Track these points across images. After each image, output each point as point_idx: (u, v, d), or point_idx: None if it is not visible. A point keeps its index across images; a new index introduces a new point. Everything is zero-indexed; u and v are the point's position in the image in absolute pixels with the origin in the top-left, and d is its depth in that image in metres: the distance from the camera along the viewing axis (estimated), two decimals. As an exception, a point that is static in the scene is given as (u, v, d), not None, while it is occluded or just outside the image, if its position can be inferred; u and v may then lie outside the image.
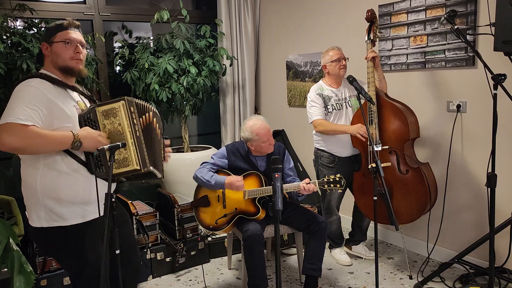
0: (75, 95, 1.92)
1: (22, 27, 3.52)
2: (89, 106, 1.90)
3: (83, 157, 1.84)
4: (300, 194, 2.77)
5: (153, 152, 1.95)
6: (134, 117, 1.85)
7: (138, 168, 1.83)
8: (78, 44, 1.89)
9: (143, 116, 1.93)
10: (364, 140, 2.95)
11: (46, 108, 1.72)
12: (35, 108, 1.69)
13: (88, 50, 1.99)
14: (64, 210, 1.80)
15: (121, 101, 1.83)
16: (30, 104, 1.69)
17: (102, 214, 1.73)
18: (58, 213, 1.80)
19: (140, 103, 1.94)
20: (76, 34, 1.90)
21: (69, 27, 1.89)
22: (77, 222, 1.83)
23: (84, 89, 2.03)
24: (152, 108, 2.00)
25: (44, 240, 1.87)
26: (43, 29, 3.53)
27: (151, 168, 1.88)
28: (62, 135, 1.74)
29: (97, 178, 1.78)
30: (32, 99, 1.70)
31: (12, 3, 3.43)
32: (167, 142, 2.13)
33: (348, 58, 3.15)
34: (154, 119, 1.99)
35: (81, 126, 1.83)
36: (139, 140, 1.85)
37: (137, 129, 1.85)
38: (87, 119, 1.84)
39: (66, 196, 1.80)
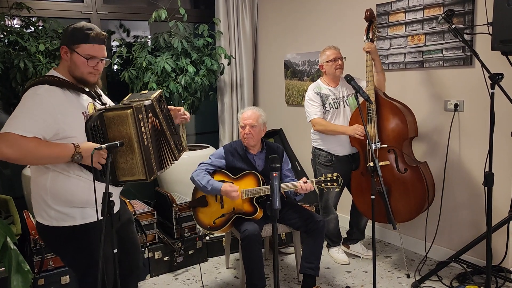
0: (85, 98, 1.89)
1: (19, 26, 3.51)
2: (97, 111, 1.86)
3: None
4: (298, 194, 2.77)
5: (162, 152, 1.94)
6: (142, 125, 1.81)
7: (144, 178, 1.83)
8: (99, 61, 1.83)
9: (150, 115, 1.87)
10: (362, 138, 2.95)
11: (52, 118, 1.70)
12: (38, 119, 1.67)
13: (109, 60, 1.94)
14: (73, 210, 1.82)
15: (129, 109, 1.79)
16: (34, 114, 1.67)
17: (106, 215, 1.74)
18: (68, 213, 1.81)
19: (148, 105, 1.87)
20: (100, 49, 1.82)
21: (95, 41, 1.80)
22: (86, 222, 1.84)
23: (95, 89, 1.97)
24: (155, 97, 1.93)
25: (52, 238, 1.88)
26: (40, 27, 3.53)
27: (158, 173, 1.89)
28: (62, 149, 1.72)
29: (96, 183, 1.78)
30: (38, 109, 1.68)
31: (9, 2, 3.42)
32: (173, 108, 2.08)
33: (345, 58, 3.15)
34: (152, 114, 1.92)
35: (87, 135, 1.81)
36: (146, 148, 1.83)
37: (145, 137, 1.82)
38: (93, 127, 1.81)
39: (77, 199, 1.81)
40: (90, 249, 1.85)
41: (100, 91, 2.04)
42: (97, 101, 1.96)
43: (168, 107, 2.07)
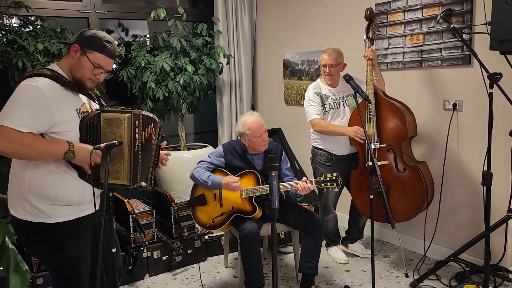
0: (81, 97, 1.89)
1: (17, 25, 3.50)
2: (95, 110, 1.87)
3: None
4: (299, 195, 2.77)
5: (148, 165, 1.93)
6: (137, 132, 1.82)
7: (127, 184, 1.82)
8: (103, 72, 1.86)
9: (146, 129, 1.88)
10: (362, 142, 2.96)
11: (48, 113, 1.70)
12: (35, 114, 1.66)
13: (111, 75, 1.97)
14: (49, 208, 1.79)
15: (127, 114, 1.80)
16: (31, 108, 1.66)
17: (96, 210, 1.73)
18: (43, 210, 1.79)
19: (147, 116, 1.89)
20: (109, 63, 1.86)
21: (109, 54, 1.84)
22: (61, 221, 1.82)
23: (95, 89, 1.99)
24: (153, 118, 1.95)
25: (25, 233, 1.86)
26: (39, 26, 3.52)
27: (142, 183, 1.87)
28: (55, 147, 1.71)
29: (79, 182, 1.79)
30: (35, 102, 1.67)
31: (7, 1, 3.41)
32: (163, 144, 2.10)
33: (345, 64, 3.14)
34: (153, 128, 1.94)
35: (81, 130, 1.80)
36: (135, 156, 1.83)
37: (136, 144, 1.83)
38: (89, 124, 1.81)
39: (55, 196, 1.79)
40: (62, 247, 1.83)
41: (98, 94, 2.04)
42: (96, 102, 1.97)
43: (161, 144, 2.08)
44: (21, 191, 1.79)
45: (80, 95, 1.89)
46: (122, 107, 1.90)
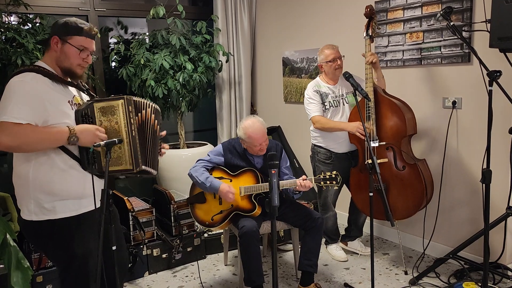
0: (71, 89, 1.91)
1: (16, 23, 3.50)
2: (87, 101, 1.90)
3: (76, 153, 1.84)
4: (297, 192, 2.77)
5: (147, 150, 1.95)
6: (131, 116, 1.85)
7: (131, 168, 1.84)
8: (89, 53, 1.89)
9: (139, 114, 1.92)
10: (363, 138, 2.96)
11: (41, 105, 1.71)
12: (29, 106, 1.67)
13: (96, 57, 1.99)
14: (54, 204, 1.80)
15: (121, 100, 1.83)
16: (24, 101, 1.67)
17: (96, 208, 1.74)
18: (48, 207, 1.79)
19: (138, 101, 1.93)
20: (91, 43, 1.89)
21: (88, 35, 1.87)
22: (67, 216, 1.83)
23: (82, 82, 2.01)
24: (150, 104, 1.99)
25: (33, 233, 1.86)
26: (38, 24, 3.51)
27: (144, 167, 1.89)
28: (57, 131, 1.73)
29: (83, 174, 1.80)
30: (26, 96, 1.68)
31: (6, -2, 3.40)
32: (163, 133, 2.10)
33: (344, 56, 3.14)
34: (153, 116, 1.98)
35: (77, 122, 1.82)
36: (134, 139, 1.86)
37: (133, 128, 1.86)
38: (84, 115, 1.83)
39: (58, 190, 1.80)
40: (70, 244, 1.84)
41: (87, 86, 2.05)
42: (86, 93, 1.99)
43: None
44: (26, 190, 1.80)
45: (70, 88, 1.91)
46: (112, 95, 1.91)
